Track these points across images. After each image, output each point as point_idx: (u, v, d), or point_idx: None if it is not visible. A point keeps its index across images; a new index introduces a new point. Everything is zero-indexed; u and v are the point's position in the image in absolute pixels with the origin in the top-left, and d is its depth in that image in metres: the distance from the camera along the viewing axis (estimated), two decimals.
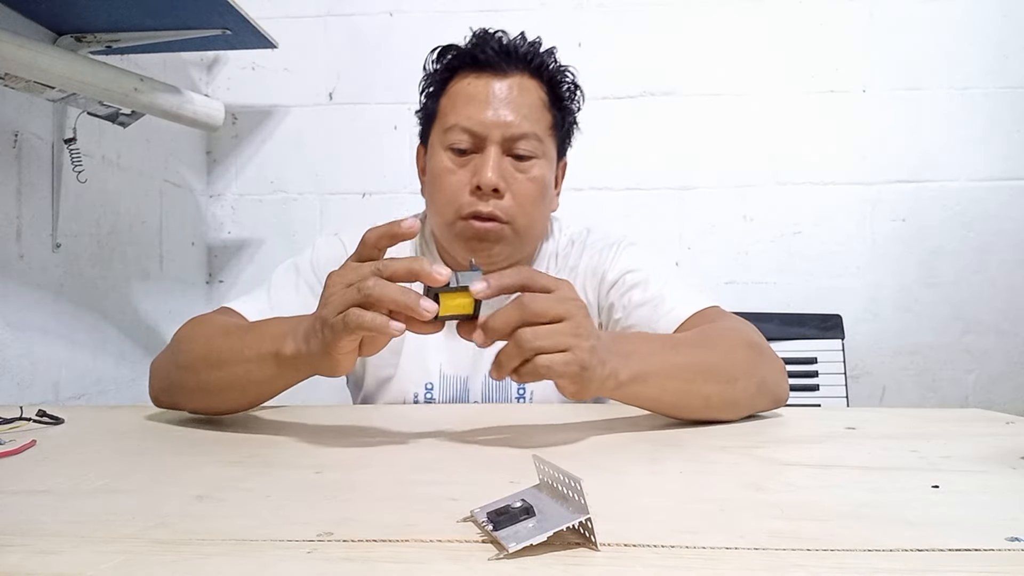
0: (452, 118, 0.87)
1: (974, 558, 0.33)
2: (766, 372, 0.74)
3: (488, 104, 0.86)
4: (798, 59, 1.78)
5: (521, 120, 0.86)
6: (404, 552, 0.34)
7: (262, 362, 0.65)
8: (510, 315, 0.57)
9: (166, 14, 1.28)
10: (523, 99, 0.87)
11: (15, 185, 1.19)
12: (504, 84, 0.87)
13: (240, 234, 1.87)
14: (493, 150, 0.85)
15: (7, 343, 1.16)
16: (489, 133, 0.85)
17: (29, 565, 0.33)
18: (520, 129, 0.85)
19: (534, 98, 0.88)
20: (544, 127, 0.89)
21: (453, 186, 0.86)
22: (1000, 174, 1.75)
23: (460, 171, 0.87)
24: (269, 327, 0.69)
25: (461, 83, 0.89)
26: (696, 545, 0.34)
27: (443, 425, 0.71)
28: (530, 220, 0.88)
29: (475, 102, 0.86)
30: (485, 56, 0.87)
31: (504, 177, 0.85)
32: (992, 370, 1.76)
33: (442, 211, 0.88)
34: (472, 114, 0.86)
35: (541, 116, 0.88)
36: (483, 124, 0.85)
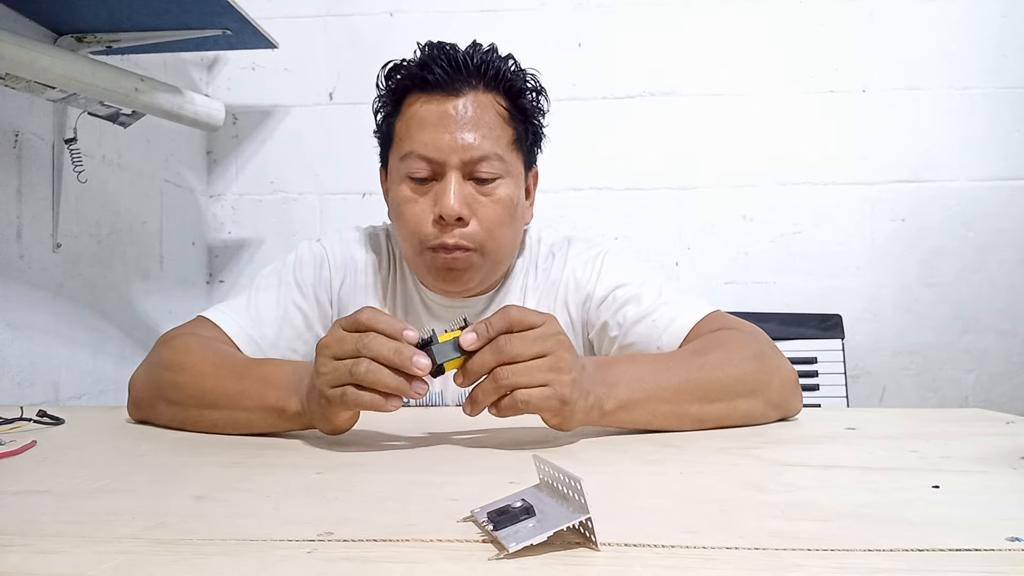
0: (407, 145, 0.83)
1: (974, 558, 0.33)
2: (773, 387, 0.71)
3: (443, 128, 0.81)
4: (798, 59, 1.78)
5: (480, 141, 0.81)
6: (404, 552, 0.34)
7: (264, 413, 0.65)
8: (485, 360, 0.57)
9: (166, 14, 1.28)
10: (480, 118, 0.82)
11: (15, 185, 1.19)
12: (458, 104, 0.81)
13: (240, 234, 1.87)
14: (453, 176, 0.81)
15: (7, 343, 1.16)
16: (447, 159, 0.81)
17: (29, 565, 0.33)
18: (480, 151, 0.81)
19: (492, 115, 0.83)
20: (506, 143, 0.84)
21: (415, 217, 0.83)
22: (1000, 174, 1.75)
23: (421, 200, 0.83)
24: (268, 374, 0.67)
25: (414, 106, 0.83)
26: (696, 545, 0.34)
27: (443, 425, 0.71)
28: (499, 243, 0.85)
29: (429, 127, 0.81)
30: (435, 76, 0.81)
31: (467, 203, 0.81)
32: (992, 370, 1.76)
33: (408, 241, 0.85)
34: (427, 140, 0.81)
35: (501, 132, 0.83)
36: (439, 150, 0.81)
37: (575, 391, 0.59)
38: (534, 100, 0.88)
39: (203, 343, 0.78)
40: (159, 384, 0.73)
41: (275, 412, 0.64)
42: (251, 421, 0.66)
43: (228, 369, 0.70)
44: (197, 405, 0.69)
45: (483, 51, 0.84)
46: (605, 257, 0.91)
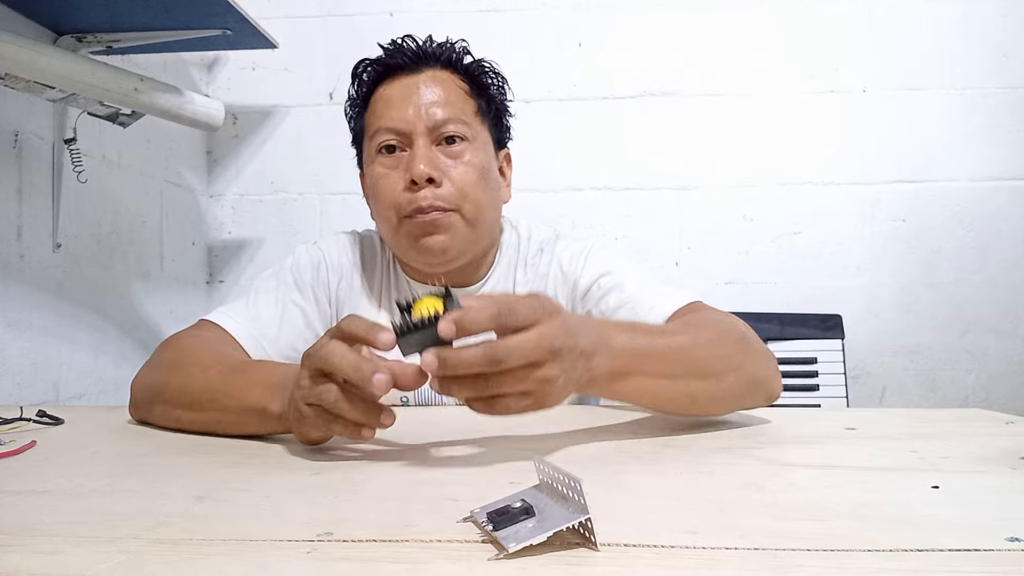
0: (375, 123, 0.88)
1: (974, 558, 0.33)
2: (755, 367, 0.72)
3: (407, 100, 0.86)
4: (798, 59, 1.78)
5: (442, 107, 0.86)
6: (404, 552, 0.34)
7: (246, 414, 0.64)
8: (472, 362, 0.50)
9: (166, 14, 1.28)
10: (441, 88, 0.87)
11: (15, 185, 1.19)
12: (419, 79, 0.88)
13: (240, 234, 1.87)
14: (420, 142, 0.85)
15: (7, 343, 1.16)
16: (413, 127, 0.85)
17: (29, 565, 0.33)
18: (443, 114, 0.85)
19: (451, 86, 0.88)
20: (469, 111, 0.89)
21: (389, 187, 0.86)
22: (1000, 174, 1.75)
23: (393, 172, 0.86)
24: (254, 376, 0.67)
25: (379, 92, 0.89)
26: (696, 545, 0.34)
27: (443, 425, 0.71)
28: (476, 205, 0.86)
29: (394, 102, 0.87)
30: (395, 62, 0.88)
31: (437, 166, 0.84)
32: (992, 370, 1.76)
33: (385, 216, 0.87)
34: (393, 114, 0.86)
35: (464, 102, 0.89)
36: (405, 120, 0.85)
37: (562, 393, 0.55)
38: (493, 81, 0.93)
39: (201, 345, 0.79)
40: (154, 385, 0.74)
41: (256, 413, 0.63)
42: (234, 422, 0.65)
43: (217, 370, 0.70)
44: (186, 406, 0.69)
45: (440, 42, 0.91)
46: (591, 250, 0.93)
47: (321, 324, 0.92)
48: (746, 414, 0.76)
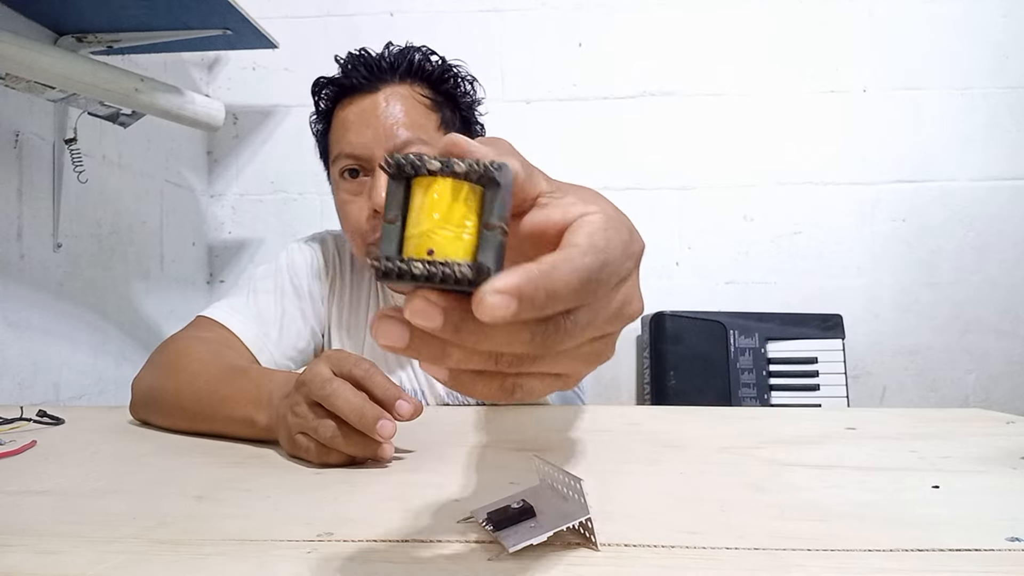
0: (336, 148, 0.87)
1: (974, 558, 0.33)
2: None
3: (365, 124, 0.84)
4: (798, 59, 1.78)
5: (401, 129, 0.83)
6: (404, 552, 0.34)
7: (234, 424, 0.64)
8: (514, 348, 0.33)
9: (167, 14, 1.28)
10: (400, 107, 0.84)
11: (16, 185, 1.19)
12: (377, 99, 0.85)
13: (241, 234, 1.87)
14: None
15: (7, 343, 1.16)
16: (372, 152, 0.83)
17: (29, 565, 0.33)
18: (402, 138, 0.83)
19: (411, 103, 0.85)
20: (432, 127, 0.86)
21: (353, 215, 0.85)
22: (1000, 174, 1.75)
23: (357, 199, 0.85)
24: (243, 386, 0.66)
25: (339, 112, 0.88)
26: (696, 545, 0.34)
27: (443, 425, 0.71)
28: None
29: (353, 126, 0.85)
30: (350, 81, 0.86)
31: None
32: (992, 370, 1.76)
33: (352, 241, 0.88)
34: (352, 138, 0.84)
35: (425, 119, 0.86)
36: (364, 145, 0.83)
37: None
38: (458, 87, 0.90)
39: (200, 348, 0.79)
40: (150, 389, 0.74)
41: (244, 424, 0.63)
42: (223, 431, 0.66)
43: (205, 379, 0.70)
44: (178, 413, 0.70)
45: (397, 49, 0.88)
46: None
47: (316, 322, 0.94)
48: (746, 412, 0.76)
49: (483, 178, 0.26)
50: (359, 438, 0.52)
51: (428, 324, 0.25)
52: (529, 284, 0.24)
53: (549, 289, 0.25)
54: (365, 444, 0.53)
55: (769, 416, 0.77)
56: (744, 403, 1.60)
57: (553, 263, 0.26)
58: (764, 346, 1.63)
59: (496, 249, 0.26)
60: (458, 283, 0.25)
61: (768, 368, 1.62)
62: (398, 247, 0.26)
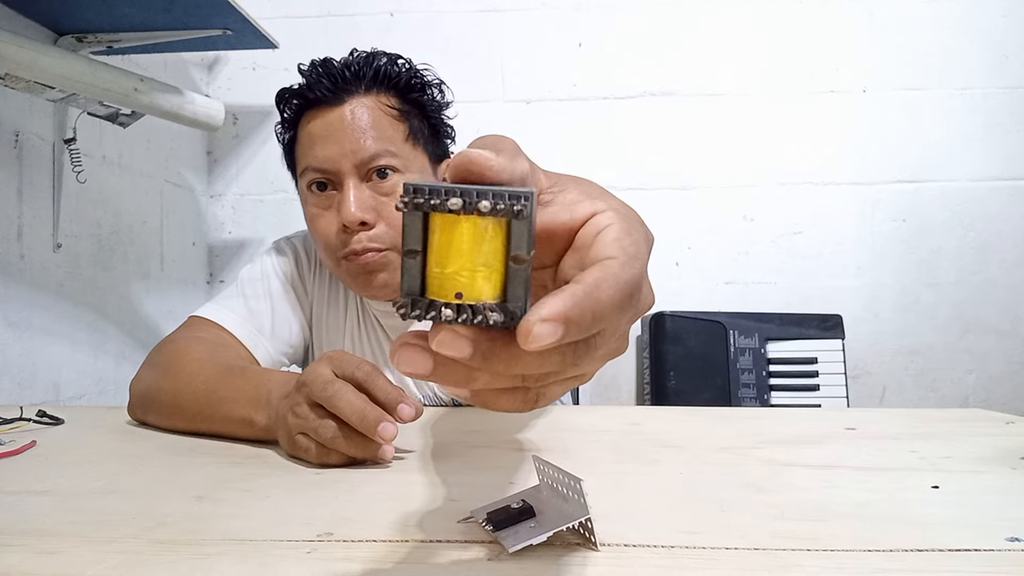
0: (303, 162, 0.86)
1: (974, 558, 0.33)
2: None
3: (331, 138, 0.83)
4: (798, 59, 1.78)
5: (368, 142, 0.82)
6: (404, 552, 0.34)
7: (233, 424, 0.64)
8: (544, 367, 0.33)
9: (166, 14, 1.28)
10: (366, 120, 0.83)
11: (16, 185, 1.19)
12: (343, 112, 0.84)
13: (241, 234, 1.87)
14: (350, 183, 0.82)
15: (7, 343, 1.16)
16: (339, 167, 0.83)
17: (29, 565, 0.33)
18: (369, 151, 0.82)
19: (378, 114, 0.84)
20: (400, 139, 0.85)
21: (323, 230, 0.85)
22: (1000, 174, 1.75)
23: (327, 213, 0.85)
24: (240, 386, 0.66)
25: (305, 126, 0.86)
26: (696, 545, 0.34)
27: (443, 426, 0.71)
28: None
29: (319, 140, 0.84)
30: (315, 94, 0.85)
31: (369, 207, 0.82)
32: (992, 370, 1.76)
33: (325, 255, 0.88)
34: (318, 153, 0.83)
35: (392, 130, 0.84)
36: (331, 159, 0.83)
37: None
38: (425, 93, 0.88)
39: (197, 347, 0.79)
40: (148, 390, 0.74)
41: (243, 424, 0.63)
42: (221, 431, 0.66)
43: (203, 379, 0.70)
44: (176, 414, 0.70)
45: (361, 57, 0.86)
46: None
47: (305, 316, 0.96)
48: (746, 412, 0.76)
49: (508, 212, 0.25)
50: (360, 439, 0.52)
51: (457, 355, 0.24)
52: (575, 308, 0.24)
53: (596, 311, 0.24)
54: (366, 445, 0.53)
55: (769, 416, 0.77)
56: (744, 403, 1.60)
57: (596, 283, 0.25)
58: (764, 346, 1.63)
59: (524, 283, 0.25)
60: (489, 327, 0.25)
61: (768, 368, 1.62)
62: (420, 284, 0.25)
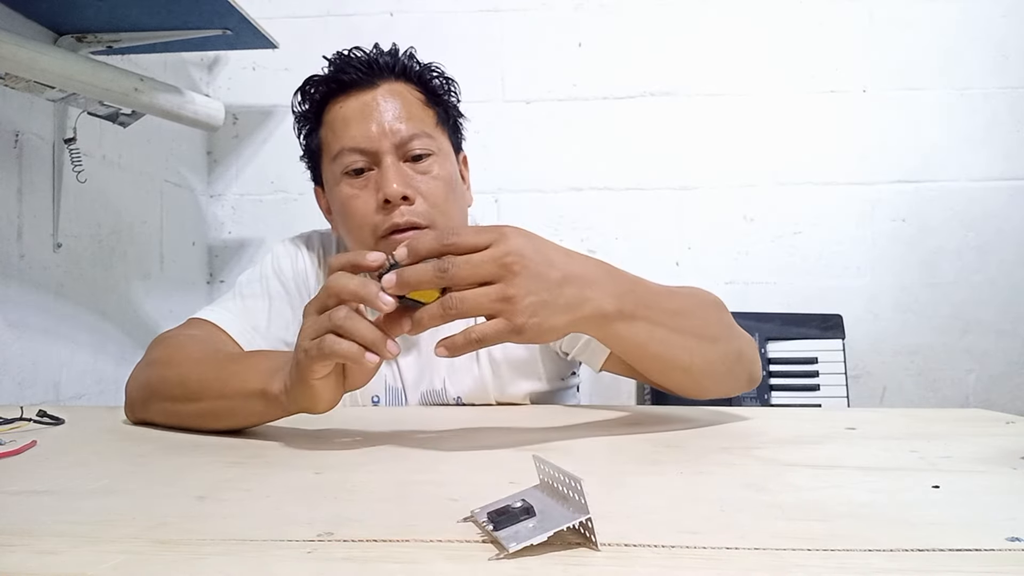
0: (337, 144, 0.86)
1: (974, 558, 0.33)
2: (742, 341, 0.74)
3: (369, 118, 0.84)
4: (798, 59, 1.78)
5: (406, 122, 0.85)
6: (404, 552, 0.34)
7: (247, 399, 0.63)
8: (423, 273, 0.53)
9: (167, 14, 1.28)
10: (400, 101, 0.86)
11: (16, 185, 1.19)
12: (376, 94, 0.86)
13: (241, 234, 1.87)
14: (389, 160, 0.83)
15: (7, 343, 1.16)
16: (379, 146, 0.84)
17: (29, 565, 0.33)
18: (408, 131, 0.84)
19: (409, 99, 0.87)
20: (431, 124, 0.88)
21: (361, 209, 0.84)
22: (1000, 174, 1.75)
23: (363, 192, 0.85)
24: (253, 362, 0.67)
25: (334, 109, 0.87)
26: (696, 545, 0.34)
27: (443, 425, 0.71)
28: (448, 218, 0.86)
29: (355, 121, 0.85)
30: (348, 76, 0.87)
31: (408, 183, 0.83)
32: (992, 370, 1.76)
33: (359, 238, 0.86)
34: (356, 133, 0.84)
35: (424, 114, 0.88)
36: (370, 139, 0.84)
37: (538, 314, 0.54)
38: (444, 85, 0.92)
39: (192, 339, 0.80)
40: (149, 381, 0.73)
41: (257, 396, 0.62)
42: (234, 408, 0.65)
43: (212, 360, 0.70)
44: (183, 398, 0.68)
45: (388, 50, 0.90)
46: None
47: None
48: (746, 412, 0.76)
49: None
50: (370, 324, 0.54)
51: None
52: (414, 239, 0.55)
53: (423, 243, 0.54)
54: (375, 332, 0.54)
55: (769, 416, 0.77)
56: (744, 403, 1.60)
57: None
58: (764, 346, 1.63)
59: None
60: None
61: (768, 368, 1.62)
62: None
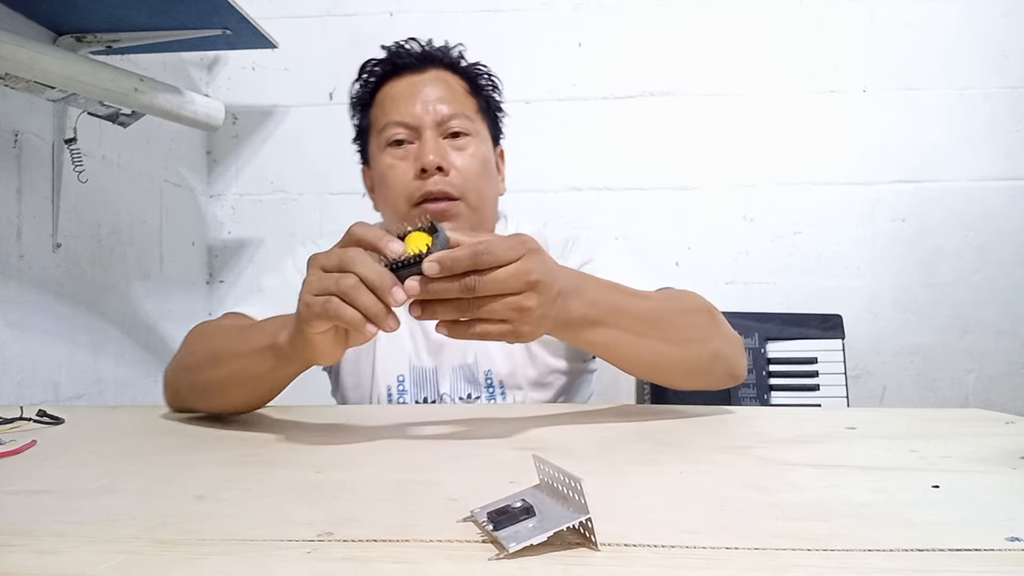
0: (384, 119, 0.95)
1: (974, 558, 0.33)
2: (721, 342, 0.78)
3: (416, 96, 0.94)
4: (798, 59, 1.78)
5: (447, 103, 0.94)
6: (404, 552, 0.34)
7: (259, 355, 0.67)
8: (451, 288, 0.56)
9: (166, 14, 1.28)
10: (445, 86, 0.95)
11: (15, 185, 1.19)
12: (425, 77, 0.95)
13: (240, 234, 1.87)
14: (429, 134, 0.92)
15: (7, 343, 1.16)
16: (421, 121, 0.92)
17: (29, 565, 0.33)
18: (449, 110, 0.93)
19: (455, 85, 0.97)
20: (471, 109, 0.97)
21: (399, 177, 0.92)
22: (1000, 174, 1.75)
23: (402, 163, 0.93)
24: (267, 323, 0.71)
25: (385, 90, 0.97)
26: (696, 545, 0.34)
27: (443, 425, 0.71)
28: (480, 194, 0.94)
29: (403, 98, 0.94)
30: (402, 60, 0.96)
31: (445, 156, 0.91)
32: (992, 370, 1.76)
33: (395, 204, 0.93)
34: (402, 108, 0.93)
35: (465, 100, 0.97)
36: (414, 114, 0.92)
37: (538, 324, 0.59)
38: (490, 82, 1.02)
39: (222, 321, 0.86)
40: (181, 361, 0.81)
41: (267, 350, 0.66)
42: (249, 367, 0.69)
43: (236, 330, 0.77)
44: (210, 365, 0.74)
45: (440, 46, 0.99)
46: (578, 239, 0.99)
47: None
48: (746, 412, 0.76)
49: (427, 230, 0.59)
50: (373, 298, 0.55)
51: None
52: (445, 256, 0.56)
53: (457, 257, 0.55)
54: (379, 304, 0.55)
55: (769, 416, 0.77)
56: (744, 403, 1.60)
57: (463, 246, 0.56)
58: (764, 346, 1.63)
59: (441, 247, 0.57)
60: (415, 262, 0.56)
61: (768, 368, 1.62)
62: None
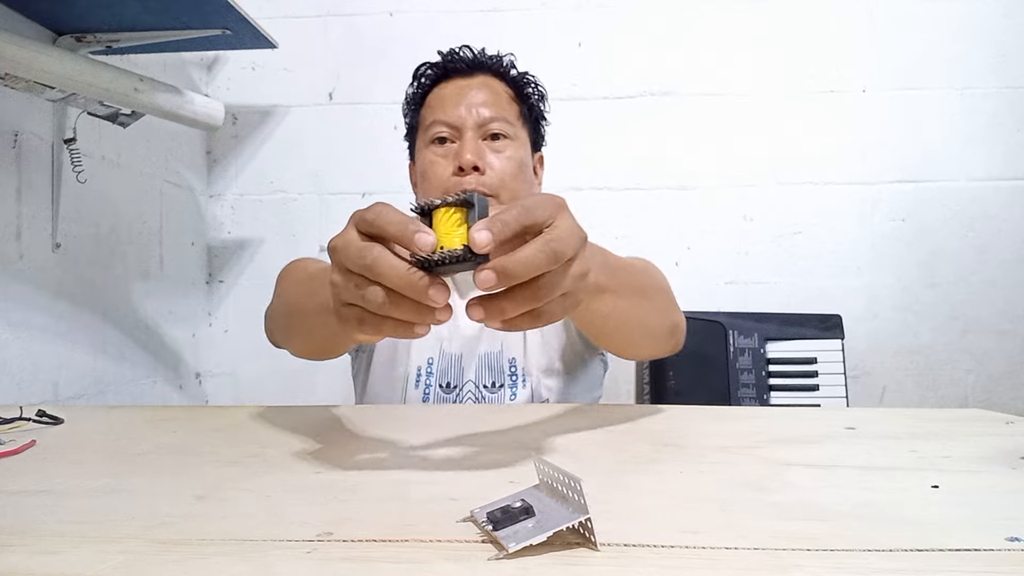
0: (430, 117, 1.00)
1: (974, 558, 0.33)
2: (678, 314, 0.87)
3: (461, 99, 0.99)
4: (798, 59, 1.78)
5: (490, 107, 0.98)
6: (404, 552, 0.34)
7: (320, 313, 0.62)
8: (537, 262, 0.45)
9: (166, 14, 1.28)
10: (490, 91, 1.00)
11: (15, 185, 1.19)
12: (472, 81, 1.01)
13: (240, 234, 1.87)
14: (469, 135, 0.97)
15: (7, 343, 1.16)
16: (463, 122, 0.97)
17: (29, 565, 0.33)
18: (490, 113, 0.98)
19: (500, 91, 1.02)
20: (513, 114, 1.01)
21: (438, 173, 0.97)
22: (1000, 174, 1.75)
23: (443, 160, 0.97)
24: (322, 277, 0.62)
25: (436, 91, 1.03)
26: (696, 545, 0.34)
27: (443, 425, 0.71)
28: (513, 194, 0.96)
29: (449, 99, 1.00)
30: (454, 65, 1.03)
31: (482, 157, 0.95)
32: (992, 370, 1.76)
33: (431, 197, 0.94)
34: (447, 108, 0.99)
35: (508, 106, 1.01)
36: (457, 115, 0.98)
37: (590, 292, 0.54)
38: (535, 91, 1.07)
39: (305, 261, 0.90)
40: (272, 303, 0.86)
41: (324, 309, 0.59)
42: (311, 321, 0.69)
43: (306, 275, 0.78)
44: (283, 312, 0.80)
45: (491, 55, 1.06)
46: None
47: None
48: (746, 412, 0.76)
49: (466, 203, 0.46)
50: (411, 303, 0.46)
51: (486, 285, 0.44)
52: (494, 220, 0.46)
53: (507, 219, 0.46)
54: (418, 308, 0.46)
55: (769, 416, 0.77)
56: (743, 403, 1.60)
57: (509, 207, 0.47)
58: (763, 346, 1.63)
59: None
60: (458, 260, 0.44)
61: (767, 368, 1.62)
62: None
